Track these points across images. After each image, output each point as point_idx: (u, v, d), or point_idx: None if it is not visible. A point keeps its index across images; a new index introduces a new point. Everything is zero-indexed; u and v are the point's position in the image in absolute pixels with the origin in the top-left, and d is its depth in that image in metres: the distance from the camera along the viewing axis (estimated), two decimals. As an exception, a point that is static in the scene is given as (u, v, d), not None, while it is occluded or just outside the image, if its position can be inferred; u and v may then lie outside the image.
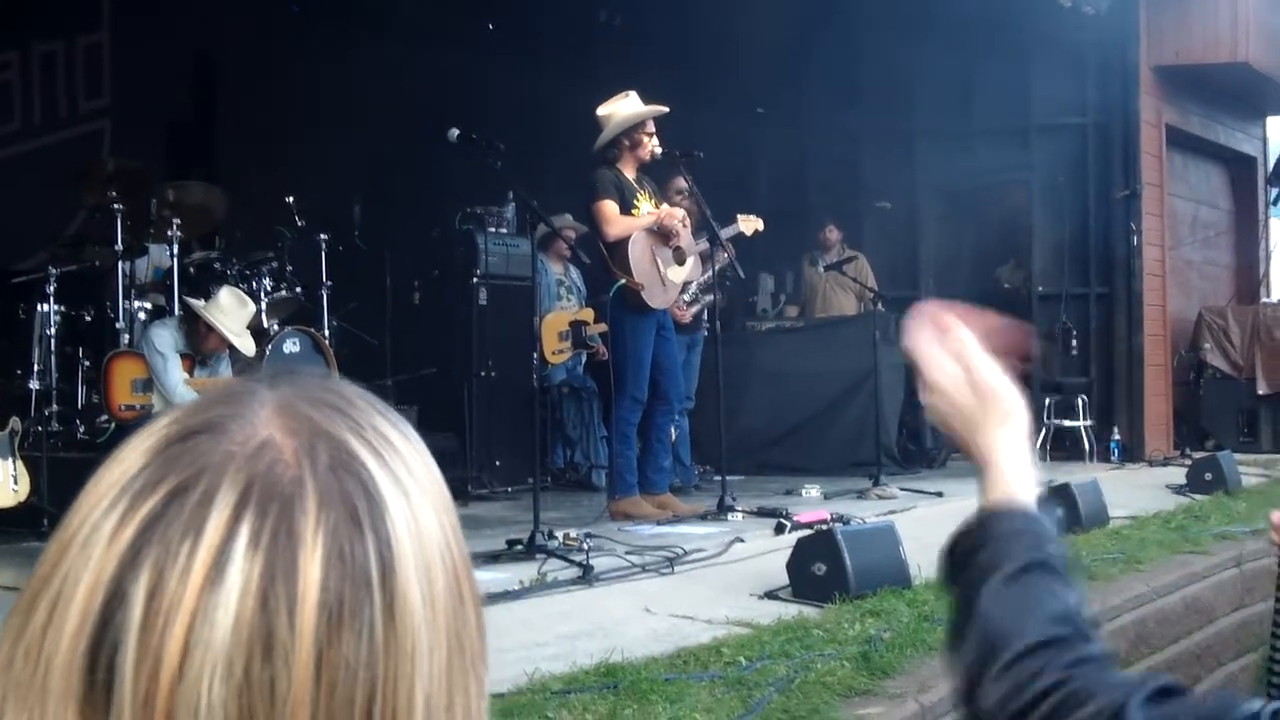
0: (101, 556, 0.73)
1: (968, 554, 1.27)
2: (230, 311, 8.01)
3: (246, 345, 8.20)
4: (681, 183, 9.44)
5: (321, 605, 0.72)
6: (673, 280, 8.59)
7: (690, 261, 8.74)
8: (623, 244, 8.29)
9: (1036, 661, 1.15)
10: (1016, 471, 1.36)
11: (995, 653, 1.17)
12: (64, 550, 0.75)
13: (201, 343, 8.04)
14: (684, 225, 8.60)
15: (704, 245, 8.76)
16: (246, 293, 8.70)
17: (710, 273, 9.01)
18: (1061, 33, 12.45)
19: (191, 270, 9.11)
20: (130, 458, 0.77)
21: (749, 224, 9.25)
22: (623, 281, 8.24)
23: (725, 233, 8.84)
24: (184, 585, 0.71)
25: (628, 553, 6.80)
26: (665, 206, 8.69)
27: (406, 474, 0.78)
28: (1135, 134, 13.06)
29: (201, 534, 0.72)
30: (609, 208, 8.29)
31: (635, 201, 8.47)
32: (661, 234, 8.48)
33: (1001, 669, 1.15)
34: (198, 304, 8.10)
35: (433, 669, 0.75)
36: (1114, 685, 1.12)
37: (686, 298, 9.41)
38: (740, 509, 8.35)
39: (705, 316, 10.15)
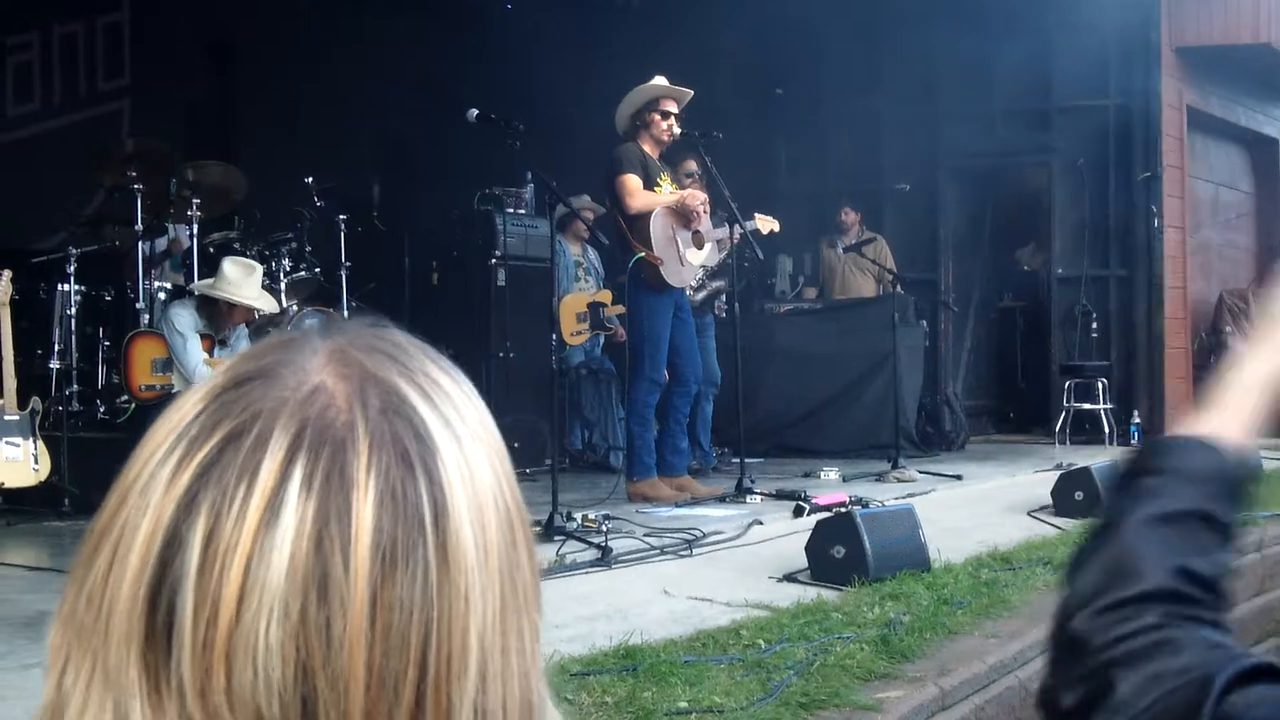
0: (159, 502, 0.74)
1: (1137, 474, 1.17)
2: (240, 281, 7.98)
3: (270, 304, 8.31)
4: (692, 165, 9.42)
5: (375, 546, 0.72)
6: (690, 262, 8.58)
7: (708, 247, 8.74)
8: (644, 218, 8.29)
9: (1148, 606, 1.08)
10: (1240, 406, 1.21)
11: (1113, 585, 1.10)
12: (124, 497, 0.76)
13: (225, 320, 8.05)
14: (704, 210, 8.59)
15: (722, 232, 8.74)
16: (265, 273, 8.72)
17: (723, 255, 9.00)
18: (1083, 14, 12.38)
19: (211, 250, 9.12)
20: (186, 405, 0.78)
21: (765, 223, 9.23)
22: (641, 255, 8.23)
23: (744, 226, 8.82)
24: (239, 529, 0.72)
25: (646, 535, 6.81)
26: (689, 189, 8.72)
27: (458, 419, 0.79)
28: (1156, 116, 13.00)
29: (256, 478, 0.73)
30: (632, 181, 8.29)
31: (659, 180, 8.48)
32: (682, 215, 8.48)
33: (1113, 604, 1.09)
34: (205, 286, 8.10)
35: (486, 610, 0.76)
36: (1210, 646, 1.05)
37: (694, 283, 9.38)
38: (759, 491, 8.34)
39: (713, 303, 10.14)
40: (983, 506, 8.66)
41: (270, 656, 0.71)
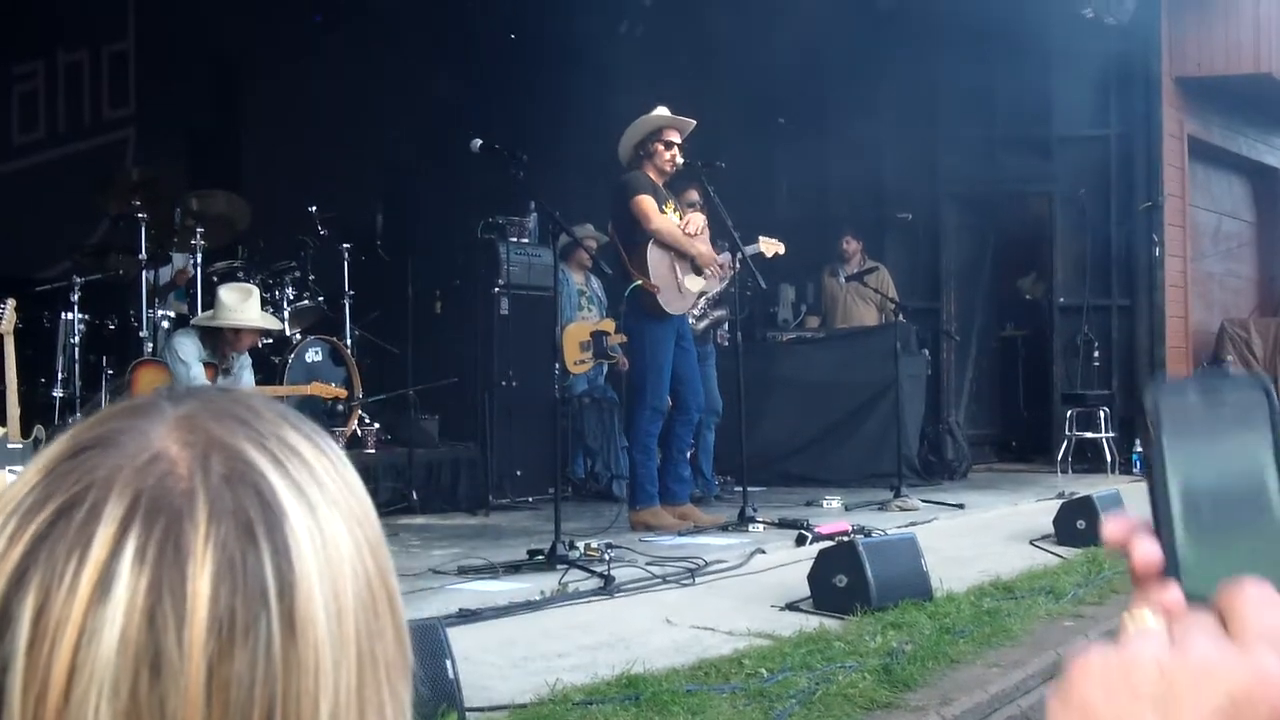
0: None
1: None
2: (240, 306, 8.01)
3: (273, 322, 8.51)
4: (693, 195, 9.44)
5: (212, 621, 0.69)
6: (689, 289, 8.58)
7: (707, 273, 8.74)
8: (643, 246, 8.29)
9: None
10: None
11: None
12: None
13: (231, 347, 8.07)
14: (703, 235, 8.60)
15: (723, 258, 8.75)
16: (269, 301, 8.75)
17: (723, 284, 9.01)
18: (1083, 44, 12.42)
19: (215, 280, 9.15)
20: (25, 476, 0.75)
21: (770, 246, 9.20)
22: (638, 283, 8.24)
23: (744, 251, 8.83)
24: (70, 604, 0.69)
25: (649, 563, 6.81)
26: (689, 215, 8.73)
27: (312, 484, 0.75)
28: (1157, 145, 13.03)
29: (88, 551, 0.69)
30: (648, 202, 8.28)
31: (664, 208, 8.49)
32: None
33: None
34: (206, 319, 8.13)
35: (339, 685, 0.72)
36: None
37: (696, 311, 9.38)
38: (761, 520, 8.34)
39: (715, 331, 10.14)
40: (985, 535, 8.66)
41: None
